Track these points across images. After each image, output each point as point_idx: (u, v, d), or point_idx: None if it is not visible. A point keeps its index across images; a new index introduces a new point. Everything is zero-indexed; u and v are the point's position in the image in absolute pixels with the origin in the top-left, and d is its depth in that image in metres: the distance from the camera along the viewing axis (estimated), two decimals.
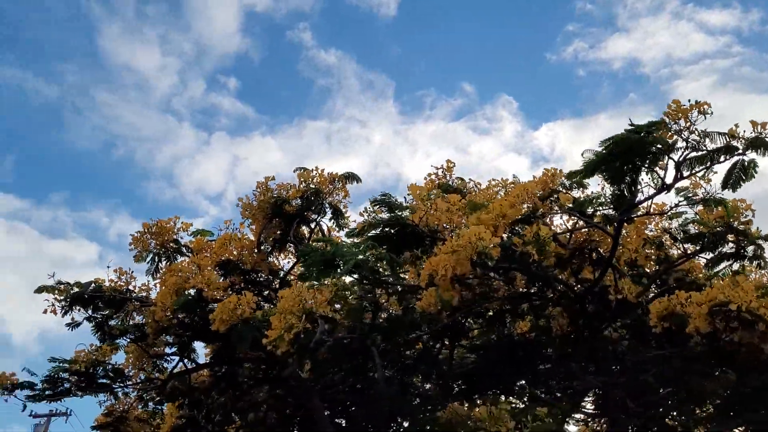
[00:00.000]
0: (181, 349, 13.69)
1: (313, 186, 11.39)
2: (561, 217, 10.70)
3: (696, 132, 7.46)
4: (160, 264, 13.00)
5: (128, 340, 13.31)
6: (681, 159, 7.72)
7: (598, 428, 14.30)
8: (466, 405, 15.20)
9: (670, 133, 7.38)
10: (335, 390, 14.24)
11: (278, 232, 11.92)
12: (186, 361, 14.27)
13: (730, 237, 11.48)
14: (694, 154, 7.70)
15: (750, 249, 11.88)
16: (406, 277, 10.98)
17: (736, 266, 11.65)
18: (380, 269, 9.24)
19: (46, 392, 13.68)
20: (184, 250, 13.14)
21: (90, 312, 12.47)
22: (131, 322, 13.11)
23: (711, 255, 10.82)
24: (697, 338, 9.73)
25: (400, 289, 9.88)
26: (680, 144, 8.00)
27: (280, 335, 10.14)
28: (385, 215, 9.31)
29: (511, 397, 13.94)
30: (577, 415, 14.24)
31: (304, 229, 13.01)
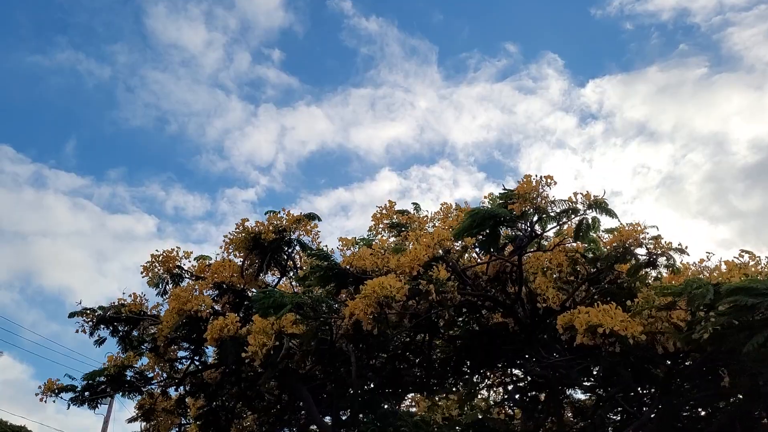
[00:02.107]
0: (193, 353, 16.55)
1: (282, 226, 13.81)
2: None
3: (545, 199, 9.54)
4: (167, 287, 15.76)
5: (145, 348, 16.15)
6: (536, 219, 9.87)
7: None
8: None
9: (522, 202, 9.51)
10: (321, 384, 16.90)
11: (258, 261, 14.41)
12: (198, 362, 17.13)
13: (641, 250, 13.64)
14: (548, 214, 9.80)
15: (662, 259, 14.01)
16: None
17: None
18: (319, 306, 11.60)
19: (86, 393, 16.69)
20: (186, 275, 15.84)
21: (111, 330, 15.33)
22: (148, 334, 15.98)
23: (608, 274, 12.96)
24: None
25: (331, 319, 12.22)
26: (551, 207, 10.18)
27: (255, 351, 12.84)
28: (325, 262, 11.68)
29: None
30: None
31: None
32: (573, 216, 9.93)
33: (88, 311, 15.21)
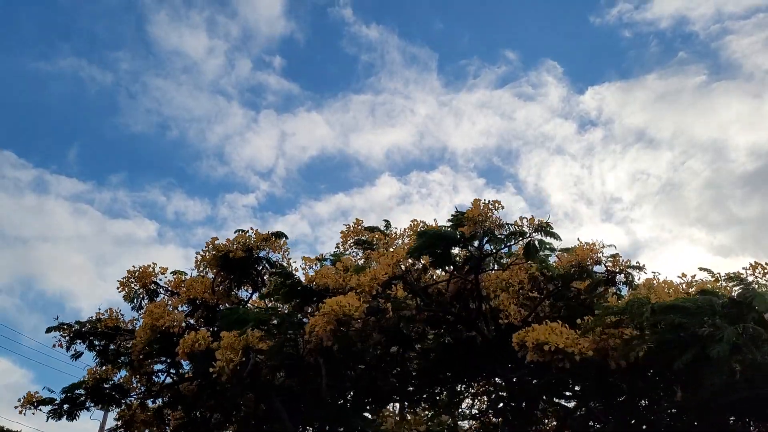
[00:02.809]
0: (169, 366, 16.96)
1: (250, 244, 14.27)
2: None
3: (493, 222, 10.05)
4: (143, 302, 16.19)
5: (122, 362, 16.55)
6: (485, 241, 10.37)
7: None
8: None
9: (471, 225, 10.01)
10: (296, 395, 17.31)
11: (228, 278, 14.86)
12: (174, 374, 17.53)
13: (601, 268, 14.20)
14: (496, 236, 10.32)
15: (620, 276, 14.54)
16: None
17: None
18: (282, 323, 12.05)
19: (65, 406, 17.08)
20: (162, 290, 16.27)
21: (87, 344, 15.74)
22: (125, 348, 16.40)
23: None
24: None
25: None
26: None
27: (222, 366, 13.27)
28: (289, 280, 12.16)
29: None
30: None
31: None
32: (520, 238, 10.45)
33: (65, 326, 15.62)
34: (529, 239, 10.67)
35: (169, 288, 16.40)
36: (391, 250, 13.52)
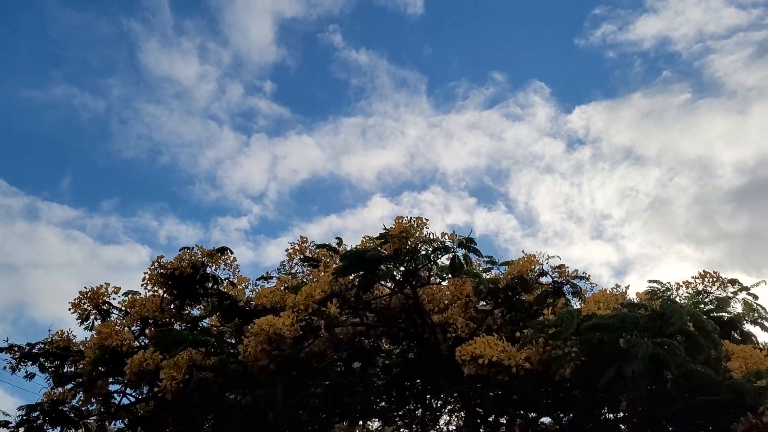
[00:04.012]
0: (125, 386, 16.85)
1: (195, 260, 14.25)
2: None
3: (417, 239, 10.08)
4: (96, 322, 16.11)
5: (75, 384, 16.45)
6: (408, 258, 10.42)
7: None
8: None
9: (394, 242, 10.04)
10: (253, 413, 17.25)
11: (176, 295, 14.84)
12: (132, 395, 17.41)
13: (543, 280, 14.29)
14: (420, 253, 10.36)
15: (566, 288, 14.57)
16: None
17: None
18: (220, 343, 12.03)
19: (21, 429, 16.93)
20: (115, 311, 16.22)
21: (38, 366, 15.67)
22: (79, 369, 16.29)
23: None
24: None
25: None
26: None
27: (166, 385, 13.25)
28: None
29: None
30: None
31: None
32: (445, 253, 10.52)
33: (15, 348, 15.54)
34: (453, 254, 10.73)
35: (123, 308, 16.34)
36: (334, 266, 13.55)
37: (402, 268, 11.08)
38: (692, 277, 15.66)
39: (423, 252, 10.51)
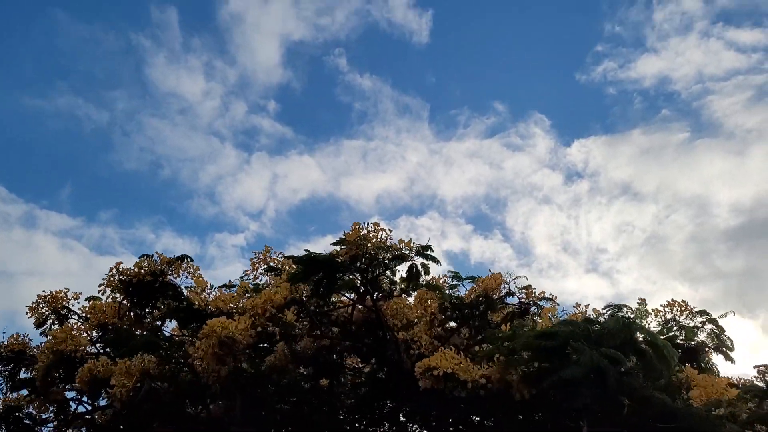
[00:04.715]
0: (80, 394, 16.36)
1: (154, 268, 13.96)
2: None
3: (374, 246, 9.90)
4: (53, 326, 15.70)
5: (28, 390, 15.97)
6: (366, 266, 10.22)
7: None
8: None
9: (350, 249, 9.86)
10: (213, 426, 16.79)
11: (135, 301, 14.50)
12: (88, 403, 16.90)
13: (514, 299, 14.13)
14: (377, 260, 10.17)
15: (533, 308, 14.42)
16: None
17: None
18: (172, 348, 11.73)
19: None
20: (74, 316, 15.83)
21: None
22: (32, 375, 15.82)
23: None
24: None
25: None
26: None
27: (116, 393, 12.89)
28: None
29: None
30: None
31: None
32: (403, 262, 10.34)
33: None
34: (411, 262, 10.54)
35: (84, 314, 15.96)
36: None
37: (359, 276, 10.80)
38: (661, 306, 15.60)
39: (380, 258, 10.27)
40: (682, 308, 15.25)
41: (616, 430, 11.39)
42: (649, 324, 15.39)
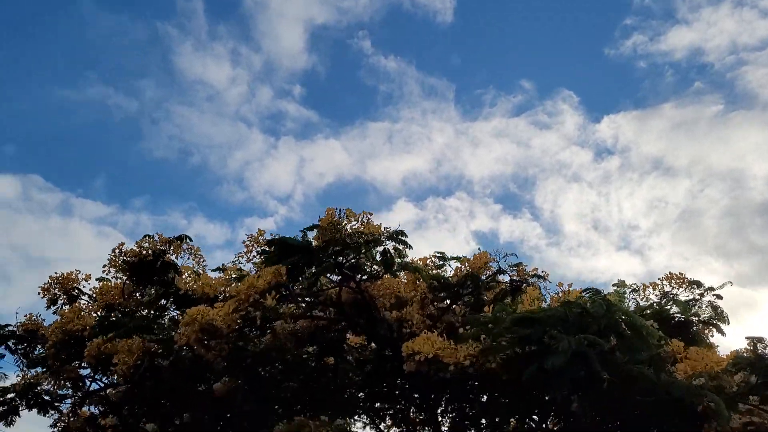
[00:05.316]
0: (94, 371, 17.08)
1: (155, 249, 14.40)
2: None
3: (345, 231, 10.07)
4: (65, 307, 16.35)
5: (43, 368, 16.73)
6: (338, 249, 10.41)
7: None
8: None
9: (323, 234, 10.04)
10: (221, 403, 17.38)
11: (136, 281, 15.00)
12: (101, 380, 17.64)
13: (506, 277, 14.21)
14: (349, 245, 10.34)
15: (524, 286, 14.44)
16: None
17: None
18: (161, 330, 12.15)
19: None
20: (84, 297, 16.45)
21: (5, 348, 16.03)
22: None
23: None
24: None
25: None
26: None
27: (119, 366, 13.45)
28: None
29: None
30: None
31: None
32: (376, 246, 10.49)
33: None
34: (384, 247, 10.70)
35: (94, 294, 16.55)
36: None
37: (332, 261, 10.98)
38: (659, 279, 15.49)
39: (352, 244, 10.44)
40: (680, 281, 15.11)
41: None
42: (645, 300, 15.36)
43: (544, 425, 12.89)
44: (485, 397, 13.42)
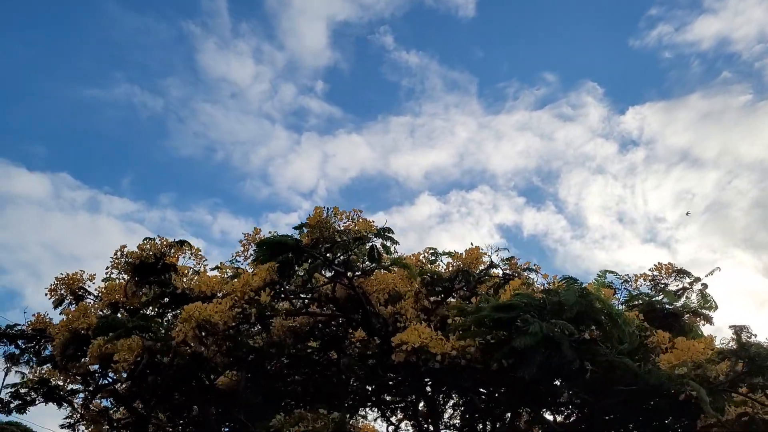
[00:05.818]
0: (102, 367, 17.63)
1: (156, 251, 14.84)
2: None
3: (333, 229, 10.44)
4: (71, 307, 16.87)
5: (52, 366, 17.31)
6: (327, 247, 10.78)
7: None
8: None
9: (312, 232, 10.41)
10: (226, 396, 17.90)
11: (138, 282, 15.46)
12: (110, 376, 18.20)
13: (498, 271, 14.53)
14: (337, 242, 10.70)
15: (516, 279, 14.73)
16: None
17: None
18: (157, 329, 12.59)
19: (11, 404, 17.95)
20: (90, 296, 16.96)
21: (14, 346, 16.63)
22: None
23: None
24: None
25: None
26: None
27: (120, 364, 13.91)
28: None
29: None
30: None
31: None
32: (363, 243, 10.84)
33: None
34: (371, 243, 11.04)
35: (98, 294, 17.05)
36: None
37: (321, 259, 11.36)
38: (649, 269, 15.73)
39: (340, 241, 10.80)
40: (670, 270, 15.35)
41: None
42: (638, 289, 15.62)
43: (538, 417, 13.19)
44: (481, 389, 13.76)
